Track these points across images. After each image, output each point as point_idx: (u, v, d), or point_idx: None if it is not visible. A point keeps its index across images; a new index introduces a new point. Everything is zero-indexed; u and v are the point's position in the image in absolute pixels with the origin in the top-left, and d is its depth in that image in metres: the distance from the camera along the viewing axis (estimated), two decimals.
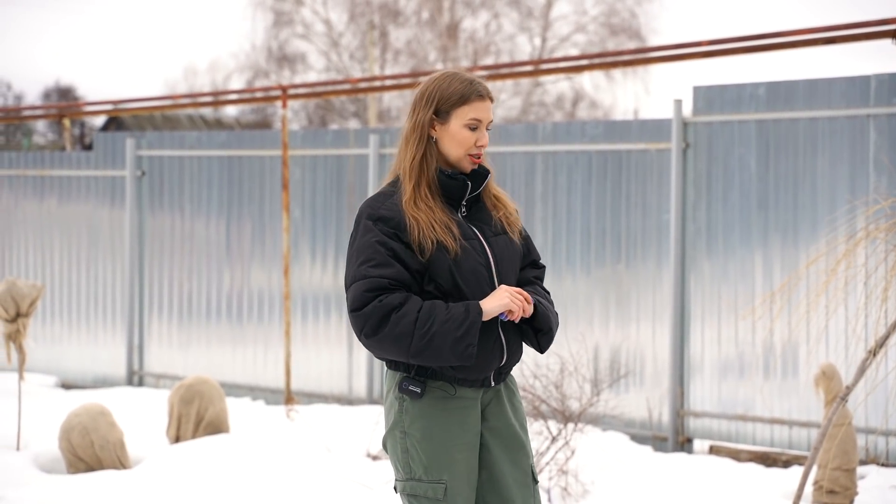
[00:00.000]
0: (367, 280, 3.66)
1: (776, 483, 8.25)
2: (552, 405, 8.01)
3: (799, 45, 9.47)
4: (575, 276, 10.29)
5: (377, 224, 3.70)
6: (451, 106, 3.77)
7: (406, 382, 3.76)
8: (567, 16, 39.17)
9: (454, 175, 3.78)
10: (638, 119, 10.13)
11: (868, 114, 8.86)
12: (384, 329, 3.62)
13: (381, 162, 11.32)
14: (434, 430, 3.74)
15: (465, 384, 3.77)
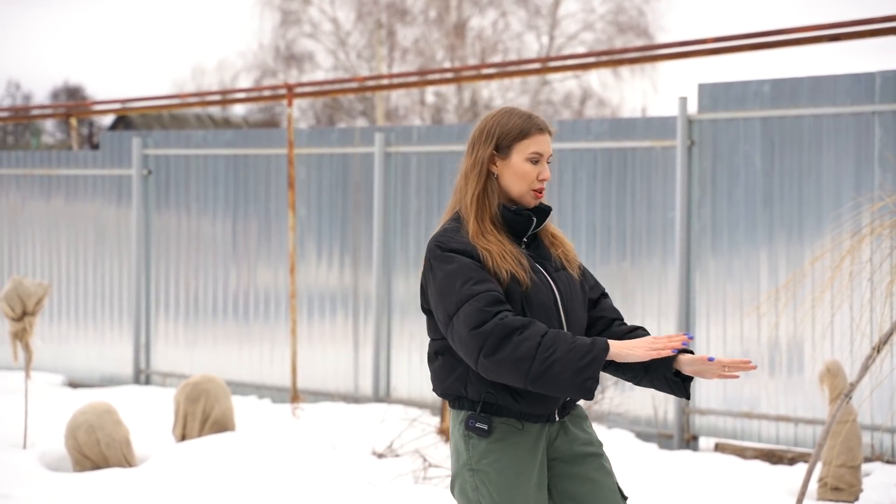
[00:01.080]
0: (478, 297, 3.59)
1: (781, 480, 8.24)
2: None
3: (804, 42, 9.46)
4: None
5: (455, 254, 3.66)
6: (511, 141, 3.75)
7: (472, 420, 3.69)
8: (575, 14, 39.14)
9: (520, 211, 3.75)
10: (643, 117, 10.13)
11: (873, 111, 8.85)
12: (504, 350, 3.52)
13: (386, 160, 11.33)
14: (504, 465, 3.69)
15: (531, 419, 3.71)
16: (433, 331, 3.81)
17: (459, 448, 3.75)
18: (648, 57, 10.32)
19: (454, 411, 3.77)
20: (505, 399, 3.66)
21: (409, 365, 11.18)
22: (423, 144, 11.21)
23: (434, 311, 3.72)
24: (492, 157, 3.76)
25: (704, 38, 9.72)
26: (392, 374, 11.27)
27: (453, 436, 3.79)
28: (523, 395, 3.66)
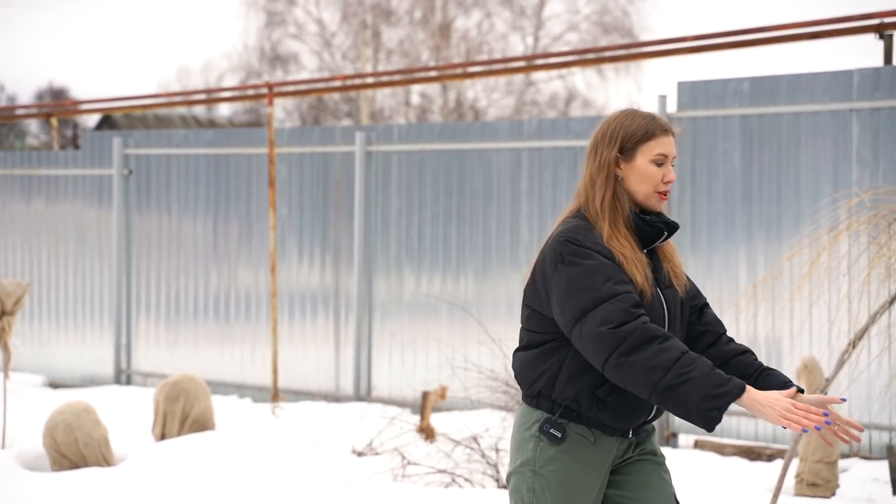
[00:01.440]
0: (621, 297, 3.52)
1: (760, 477, 8.25)
2: None
3: (784, 39, 9.49)
4: None
5: (592, 251, 3.59)
6: (636, 143, 3.69)
7: (548, 425, 3.63)
8: (560, 15, 39.15)
9: (653, 222, 3.69)
10: None
11: (851, 108, 8.87)
12: (642, 353, 3.45)
13: (367, 159, 11.32)
14: (567, 476, 3.64)
15: (608, 432, 3.67)
16: (536, 323, 3.70)
17: (525, 447, 3.68)
18: (629, 55, 10.33)
19: (529, 408, 3.70)
20: (589, 407, 3.61)
21: (389, 364, 11.17)
22: (404, 143, 11.21)
23: (558, 305, 3.60)
24: (616, 159, 3.69)
25: (685, 37, 9.74)
26: (373, 374, 11.26)
27: (520, 432, 3.72)
28: (609, 406, 3.61)
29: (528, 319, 3.74)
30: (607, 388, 3.60)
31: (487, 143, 10.69)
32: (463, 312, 10.46)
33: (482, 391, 8.68)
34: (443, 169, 10.98)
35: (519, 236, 10.59)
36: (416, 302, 11.09)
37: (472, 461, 7.93)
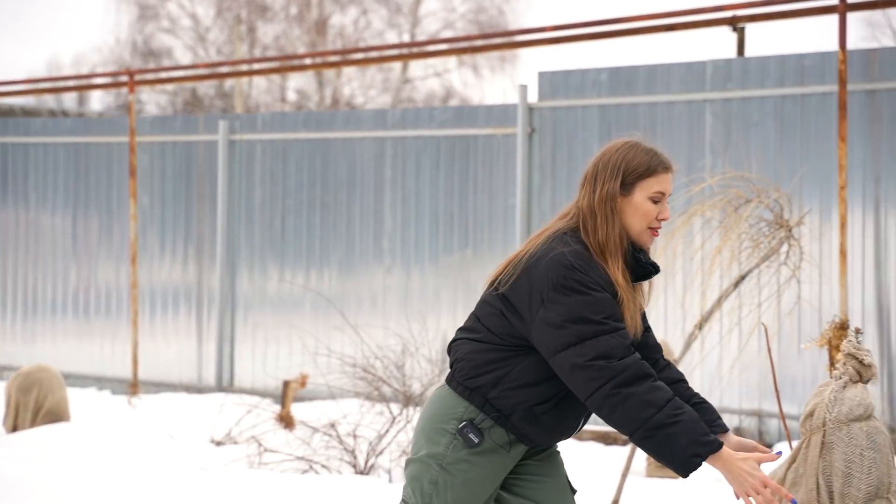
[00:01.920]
0: (622, 332, 3.51)
1: (615, 460, 8.37)
2: (393, 386, 8.01)
3: (641, 31, 9.62)
4: (423, 264, 10.32)
5: (599, 283, 3.55)
6: (636, 178, 3.62)
7: (468, 428, 3.58)
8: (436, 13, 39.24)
9: (646, 266, 3.67)
10: (484, 104, 10.22)
11: (704, 98, 9.05)
12: (638, 387, 3.44)
13: (230, 148, 11.22)
14: (473, 480, 3.61)
15: (526, 442, 3.64)
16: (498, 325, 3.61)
17: (438, 440, 3.61)
18: (490, 46, 10.38)
19: (454, 397, 3.63)
20: (522, 419, 3.58)
21: (252, 355, 11.09)
22: (269, 132, 11.13)
23: (549, 326, 3.52)
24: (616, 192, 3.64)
25: (545, 27, 9.82)
26: (236, 365, 11.16)
27: (437, 421, 3.64)
28: (542, 423, 3.59)
29: (490, 317, 3.64)
30: (547, 406, 3.58)
31: (352, 133, 10.67)
32: (326, 302, 10.42)
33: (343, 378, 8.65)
34: (307, 158, 10.93)
35: (383, 225, 10.59)
36: (280, 292, 11.02)
37: (331, 448, 7.90)
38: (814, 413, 3.56)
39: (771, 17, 9.08)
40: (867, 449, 3.48)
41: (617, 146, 3.70)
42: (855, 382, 3.59)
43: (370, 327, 9.47)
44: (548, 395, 3.57)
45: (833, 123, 8.62)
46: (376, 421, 8.05)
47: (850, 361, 3.62)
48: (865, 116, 8.56)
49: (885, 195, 8.52)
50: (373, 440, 7.82)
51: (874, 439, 3.49)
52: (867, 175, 8.58)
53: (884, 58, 8.57)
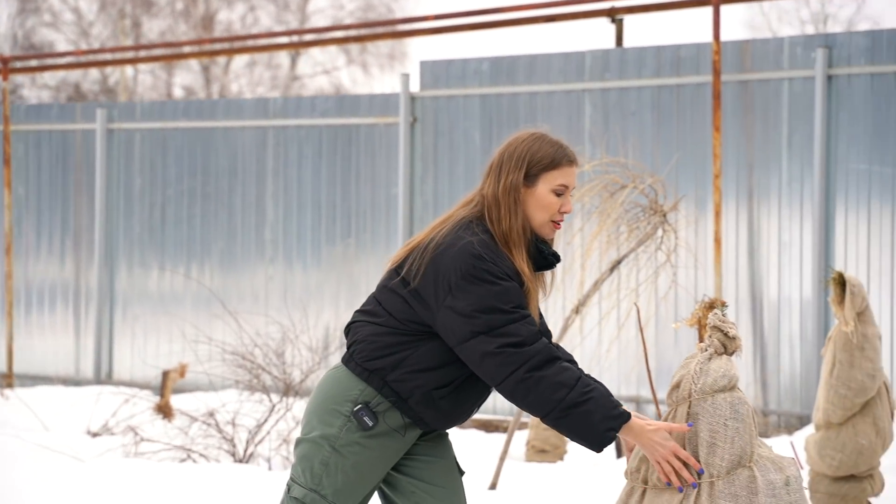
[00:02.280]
0: (528, 319, 3.52)
1: (495, 447, 8.40)
2: (273, 374, 7.96)
3: (522, 22, 9.70)
4: (305, 255, 10.27)
5: (505, 272, 3.54)
6: (540, 170, 3.61)
7: (363, 412, 3.56)
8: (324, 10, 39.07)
9: (549, 258, 3.67)
10: (367, 94, 10.20)
11: (584, 88, 9.15)
12: (549, 370, 3.47)
13: (109, 137, 11.04)
14: (364, 463, 3.59)
15: (421, 426, 3.63)
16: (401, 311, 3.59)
17: (331, 421, 3.60)
18: (371, 35, 10.38)
19: (351, 377, 3.61)
20: (419, 402, 3.57)
21: (132, 348, 10.93)
22: (148, 121, 10.98)
23: (456, 314, 3.51)
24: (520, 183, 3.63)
25: (426, 16, 9.84)
26: (115, 357, 10.99)
27: (331, 401, 3.62)
28: (439, 408, 3.59)
29: (392, 303, 3.62)
30: (446, 391, 3.58)
31: (233, 122, 10.58)
32: (207, 293, 10.31)
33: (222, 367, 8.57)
34: (187, 147, 10.80)
35: (265, 216, 10.51)
36: (160, 284, 10.88)
37: (209, 437, 7.82)
38: (680, 384, 3.61)
39: (648, 8, 9.22)
40: (731, 419, 3.53)
41: (523, 137, 3.68)
42: (720, 354, 3.64)
43: (250, 315, 9.39)
44: (447, 379, 3.58)
45: (708, 113, 8.78)
46: (256, 410, 7.99)
47: (716, 334, 3.67)
48: (739, 106, 8.74)
49: (758, 184, 8.70)
50: (252, 429, 7.76)
51: (737, 409, 3.54)
52: (741, 164, 8.76)
53: (756, 49, 8.75)
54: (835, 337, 5.88)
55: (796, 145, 8.58)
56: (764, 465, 3.55)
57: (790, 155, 8.61)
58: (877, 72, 8.32)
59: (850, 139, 8.41)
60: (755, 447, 3.57)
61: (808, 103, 8.53)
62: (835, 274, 5.81)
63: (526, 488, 6.87)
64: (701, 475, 3.50)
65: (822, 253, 8.41)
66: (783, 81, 8.63)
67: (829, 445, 5.87)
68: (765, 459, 3.56)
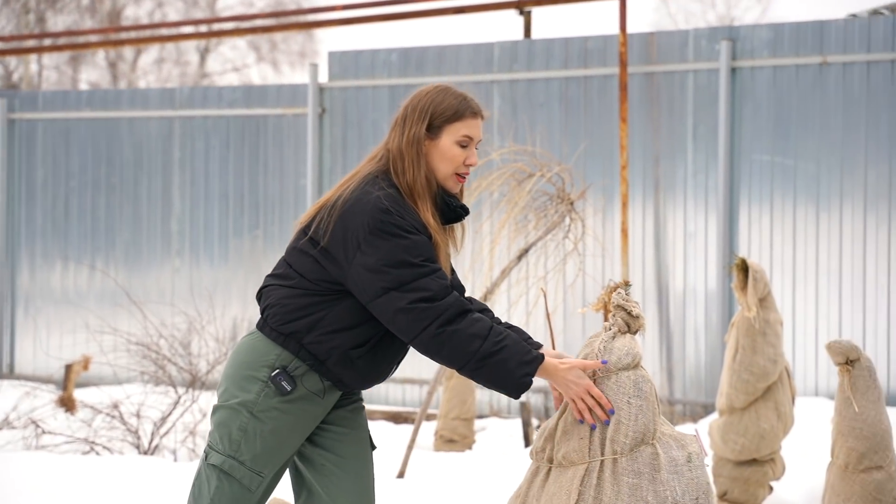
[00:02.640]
0: (440, 273, 3.51)
1: (404, 438, 8.40)
2: (179, 365, 7.86)
3: (431, 13, 9.69)
4: (213, 246, 10.17)
5: (413, 226, 3.53)
6: (443, 121, 3.61)
7: (281, 376, 3.53)
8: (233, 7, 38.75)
9: (457, 210, 3.65)
10: (275, 85, 10.13)
11: (492, 79, 9.17)
12: (460, 323, 3.46)
13: (10, 128, 10.83)
14: (283, 428, 3.56)
15: (340, 387, 3.60)
16: (311, 271, 3.56)
17: (249, 387, 3.56)
18: (280, 26, 10.31)
19: (268, 342, 3.58)
20: (337, 363, 3.55)
21: (34, 341, 10.73)
22: (50, 111, 10.80)
23: (366, 270, 3.49)
24: (423, 135, 3.61)
25: (333, 6, 9.80)
26: (16, 351, 10.79)
27: (247, 368, 3.59)
28: (357, 367, 3.57)
29: (302, 264, 3.59)
30: (362, 351, 3.56)
31: (138, 112, 10.43)
32: (113, 285, 10.16)
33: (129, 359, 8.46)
34: (91, 138, 10.64)
35: (171, 207, 10.39)
36: (64, 276, 10.70)
37: (114, 429, 7.71)
38: None
39: (556, 0, 9.27)
40: (634, 397, 3.55)
41: (427, 90, 3.68)
42: (623, 333, 3.66)
43: (156, 304, 9.28)
44: (363, 338, 3.56)
45: (615, 105, 8.84)
46: (161, 402, 7.89)
47: (619, 313, 3.69)
48: (645, 98, 8.82)
49: (664, 175, 8.79)
50: (157, 421, 7.66)
51: (640, 387, 3.56)
52: (647, 155, 8.84)
53: (662, 41, 8.83)
54: (738, 323, 5.96)
55: (701, 137, 8.69)
56: (666, 442, 3.57)
57: (695, 146, 8.71)
58: (779, 64, 8.45)
59: (753, 131, 8.53)
60: (658, 424, 3.60)
61: (712, 95, 8.64)
62: (738, 260, 5.88)
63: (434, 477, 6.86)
64: (612, 414, 3.53)
65: (726, 243, 8.52)
66: (688, 73, 8.72)
67: (733, 430, 5.95)
68: (667, 437, 3.59)
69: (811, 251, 8.33)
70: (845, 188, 8.24)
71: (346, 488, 3.70)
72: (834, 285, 8.26)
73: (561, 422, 3.64)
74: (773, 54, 8.46)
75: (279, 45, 35.09)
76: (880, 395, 4.86)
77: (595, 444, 3.55)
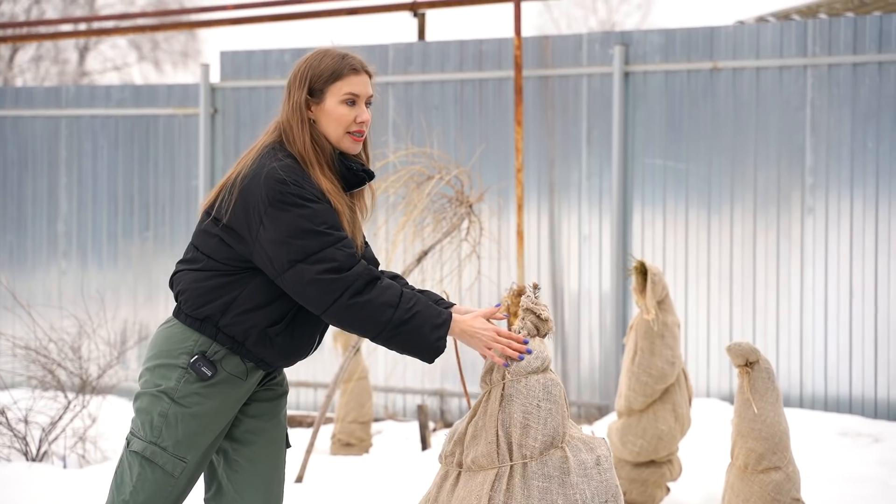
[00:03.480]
0: (345, 241, 3.45)
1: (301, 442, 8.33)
2: (69, 369, 7.69)
3: (324, 14, 9.63)
4: (101, 247, 9.98)
5: (312, 194, 3.46)
6: (324, 83, 3.55)
7: (200, 362, 3.49)
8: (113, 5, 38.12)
9: (356, 170, 3.59)
10: (165, 84, 9.97)
11: (387, 81, 9.14)
12: (370, 293, 3.42)
13: None
14: (205, 413, 3.52)
15: (262, 367, 3.56)
16: (216, 250, 3.50)
17: (169, 374, 3.52)
18: (171, 24, 10.15)
19: (185, 329, 3.53)
20: (256, 343, 3.52)
21: None
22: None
23: (270, 244, 3.43)
24: (307, 101, 3.55)
25: (225, 5, 9.68)
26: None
27: (166, 355, 3.55)
28: (276, 345, 3.53)
29: (208, 245, 3.54)
30: (279, 328, 3.53)
31: (23, 111, 10.19)
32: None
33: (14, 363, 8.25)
34: None
35: (57, 208, 10.16)
36: None
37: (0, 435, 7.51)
38: (493, 368, 3.62)
39: (450, 3, 9.28)
40: (543, 400, 3.56)
41: (307, 56, 3.68)
42: (533, 336, 3.66)
43: (44, 308, 9.07)
44: (279, 314, 3.54)
45: (510, 108, 8.88)
46: (50, 406, 7.71)
47: (528, 316, 3.70)
48: (539, 101, 8.87)
49: (559, 178, 8.85)
50: (46, 426, 7.48)
51: (550, 391, 3.57)
52: (542, 158, 8.89)
53: (556, 45, 8.89)
54: (636, 325, 6.02)
55: (595, 140, 8.77)
56: (576, 445, 3.59)
57: (589, 150, 8.78)
58: (670, 69, 8.56)
59: (645, 135, 8.64)
60: (567, 428, 3.61)
61: (606, 99, 8.72)
62: (636, 263, 5.94)
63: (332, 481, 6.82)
64: (526, 343, 3.57)
65: (620, 246, 8.61)
66: (582, 77, 8.80)
67: (631, 432, 6.00)
68: (576, 440, 3.61)
69: (703, 253, 8.47)
70: (735, 191, 8.38)
71: (255, 486, 3.68)
72: (725, 286, 8.40)
73: (470, 426, 3.63)
74: (665, 59, 8.58)
75: (161, 44, 34.61)
76: (778, 396, 4.96)
77: (503, 449, 3.55)
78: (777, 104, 8.26)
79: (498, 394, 3.60)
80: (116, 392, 9.29)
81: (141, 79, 37.52)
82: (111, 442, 8.05)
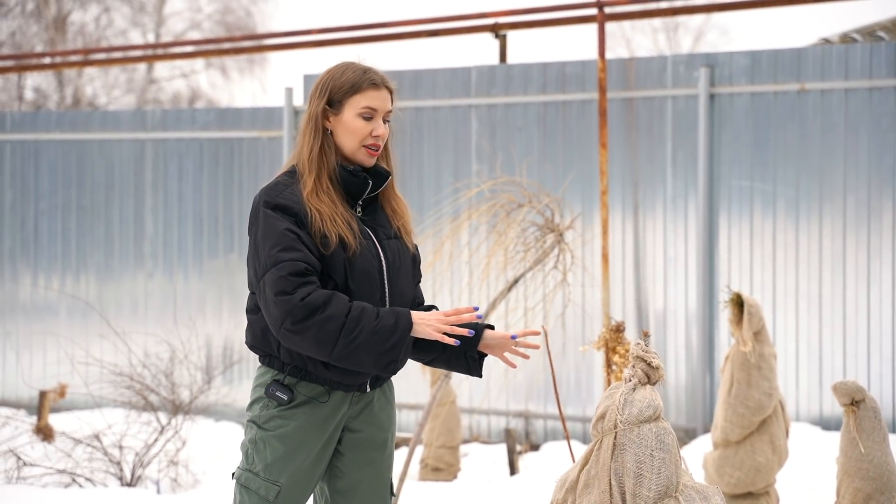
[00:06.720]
0: (283, 264, 3.46)
1: None
2: (162, 394, 7.80)
3: (404, 36, 9.67)
4: (187, 268, 10.10)
5: (276, 211, 3.49)
6: (343, 95, 3.63)
7: (274, 387, 3.58)
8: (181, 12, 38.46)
9: (356, 172, 3.62)
10: (250, 107, 10.07)
11: (470, 104, 9.17)
12: (308, 326, 3.43)
13: None
14: (289, 432, 3.59)
15: (340, 388, 3.61)
16: None
17: (254, 406, 3.65)
18: (257, 47, 10.24)
19: (262, 367, 3.63)
20: (315, 366, 3.56)
21: (3, 364, 10.60)
22: (19, 132, 10.67)
23: (248, 265, 3.59)
24: (325, 112, 3.63)
25: (310, 29, 9.76)
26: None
27: (253, 390, 3.67)
28: (336, 368, 3.57)
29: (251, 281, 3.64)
30: None
31: (109, 134, 10.34)
32: (85, 307, 10.06)
33: (105, 387, 8.37)
34: (61, 159, 10.53)
35: (143, 229, 10.30)
36: (34, 298, 10.57)
37: (95, 460, 7.62)
38: (605, 415, 3.62)
39: (532, 24, 9.28)
40: (657, 449, 3.56)
41: (330, 68, 3.73)
42: (644, 384, 3.66)
43: (134, 334, 9.20)
44: None
45: (593, 130, 8.88)
46: (143, 431, 7.82)
47: (639, 364, 3.69)
48: (623, 123, 8.86)
49: (643, 200, 8.83)
50: (140, 451, 7.59)
51: (663, 440, 3.57)
52: (626, 180, 8.88)
53: (640, 67, 8.88)
54: (732, 356, 6.00)
55: (680, 162, 8.74)
56: (689, 494, 3.58)
57: (674, 171, 8.76)
58: (756, 91, 8.52)
59: (731, 156, 8.60)
60: (680, 476, 3.61)
61: (691, 121, 8.69)
62: (733, 295, 5.92)
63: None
64: (476, 309, 3.62)
65: (706, 267, 8.58)
66: (667, 99, 8.78)
67: (728, 463, 5.98)
68: (690, 489, 3.60)
69: (791, 275, 8.42)
70: (824, 213, 8.32)
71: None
72: (814, 308, 8.34)
73: (582, 474, 3.64)
74: (752, 81, 8.54)
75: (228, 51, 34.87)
76: (885, 435, 4.92)
77: (616, 498, 3.56)
78: (867, 125, 8.20)
79: (610, 442, 3.61)
80: (204, 413, 9.40)
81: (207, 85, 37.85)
82: (201, 465, 8.15)
